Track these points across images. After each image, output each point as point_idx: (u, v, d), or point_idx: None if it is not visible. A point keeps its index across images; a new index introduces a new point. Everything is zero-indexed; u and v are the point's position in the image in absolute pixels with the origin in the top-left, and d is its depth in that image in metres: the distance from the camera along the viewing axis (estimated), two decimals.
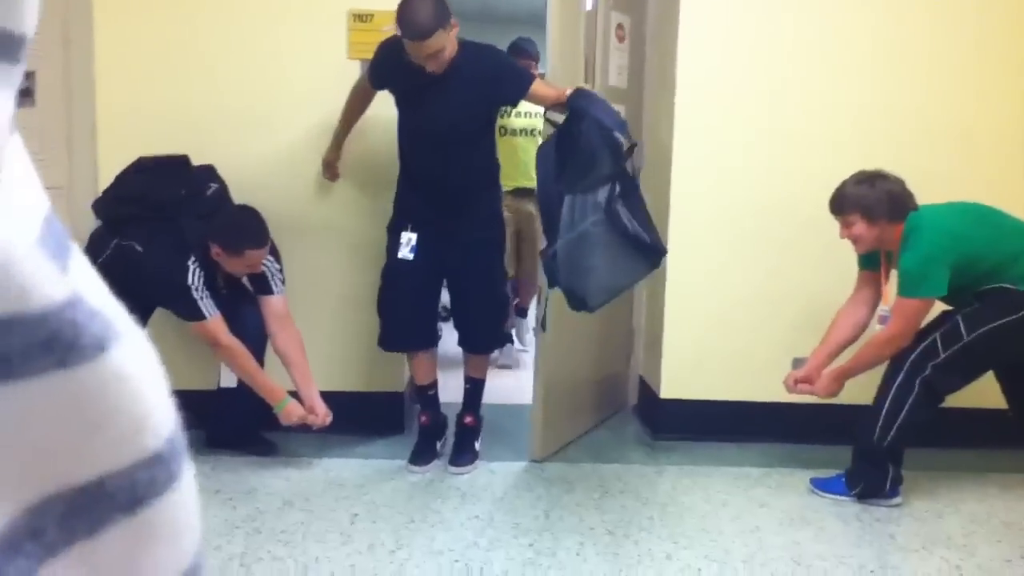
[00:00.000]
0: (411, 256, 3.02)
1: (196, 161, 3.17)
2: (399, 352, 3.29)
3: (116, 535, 0.34)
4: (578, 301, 2.81)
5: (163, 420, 0.37)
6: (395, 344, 3.21)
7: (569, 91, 2.87)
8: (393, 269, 3.09)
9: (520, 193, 4.45)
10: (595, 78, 3.46)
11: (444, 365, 3.51)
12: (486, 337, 3.27)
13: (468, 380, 3.32)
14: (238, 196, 3.17)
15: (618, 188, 2.77)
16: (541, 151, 2.93)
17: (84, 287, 0.35)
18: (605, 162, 2.76)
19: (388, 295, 3.11)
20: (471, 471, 3.16)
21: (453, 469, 3.14)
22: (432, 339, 3.27)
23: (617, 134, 2.75)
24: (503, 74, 2.94)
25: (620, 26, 3.61)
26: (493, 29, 5.73)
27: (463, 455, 3.20)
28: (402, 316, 3.11)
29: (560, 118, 2.89)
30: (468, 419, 3.28)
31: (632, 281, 3.02)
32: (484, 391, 3.35)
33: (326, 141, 3.34)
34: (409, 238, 3.02)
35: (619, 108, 3.63)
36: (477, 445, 3.28)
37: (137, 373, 0.35)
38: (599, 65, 3.48)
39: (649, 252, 2.82)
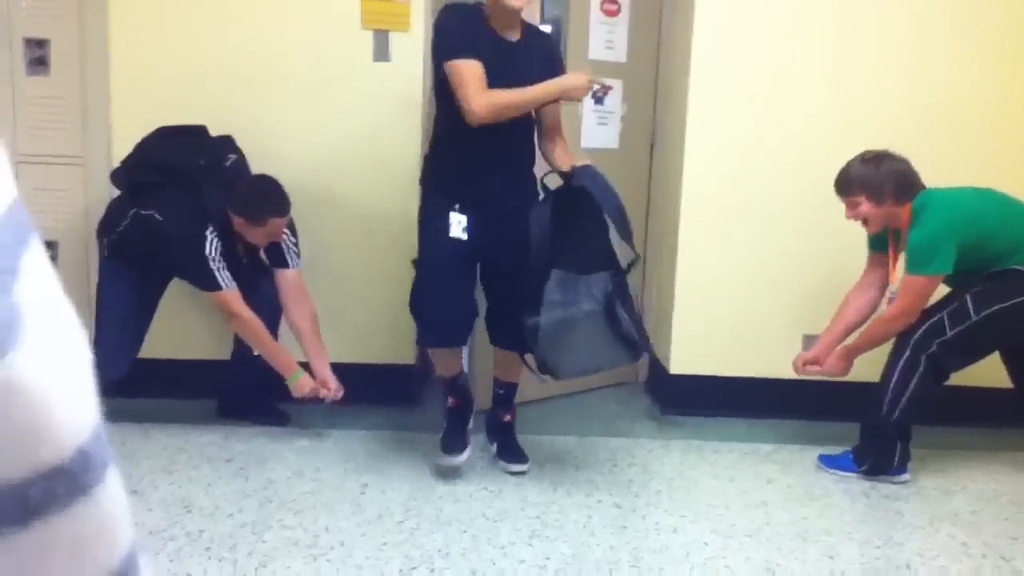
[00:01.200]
0: (465, 237, 2.75)
1: (212, 131, 3.18)
2: (447, 348, 2.90)
3: (4, 548, 0.33)
4: (549, 370, 2.72)
5: (70, 431, 0.34)
6: (450, 339, 2.84)
7: (577, 163, 2.75)
8: (440, 255, 2.75)
9: None
10: (567, 48, 3.43)
11: None
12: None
13: (503, 385, 3.05)
14: (254, 165, 3.18)
15: (613, 284, 2.72)
16: (536, 213, 2.70)
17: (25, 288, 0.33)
18: (604, 260, 2.74)
19: (437, 284, 2.73)
20: (529, 467, 2.98)
21: (514, 468, 2.95)
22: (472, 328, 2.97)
23: (627, 244, 2.71)
24: (557, 66, 2.85)
25: (612, 0, 3.59)
26: None
27: (516, 452, 3.00)
28: (454, 306, 2.74)
29: (554, 182, 2.78)
30: (507, 417, 3.05)
31: (608, 367, 2.93)
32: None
33: (340, 112, 3.34)
34: (459, 218, 2.75)
35: (613, 82, 3.61)
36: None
37: (35, 382, 0.33)
38: (571, 40, 3.45)
39: (634, 349, 2.78)
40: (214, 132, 3.16)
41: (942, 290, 2.96)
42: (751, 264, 3.54)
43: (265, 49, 3.39)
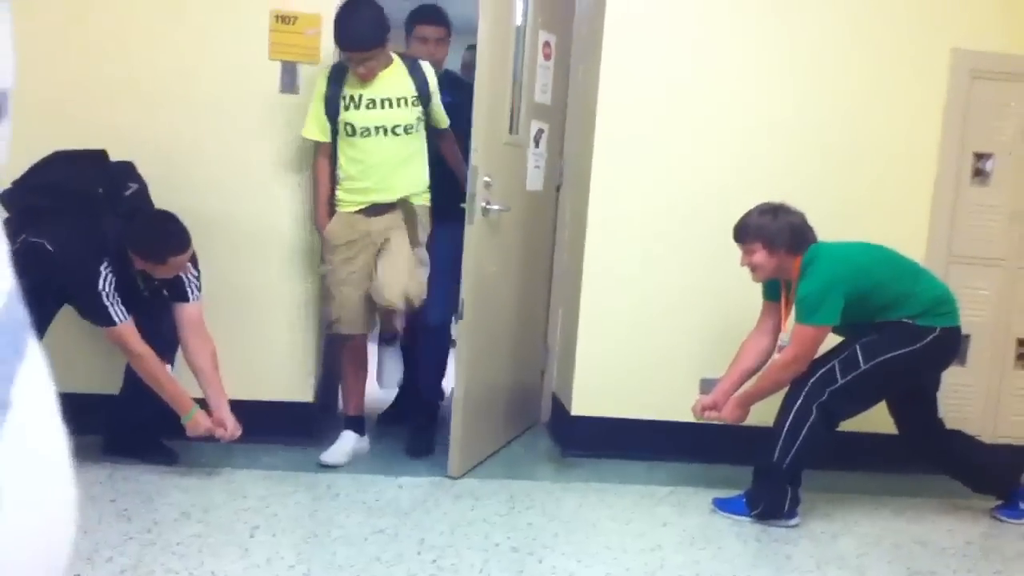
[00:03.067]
0: None
1: (114, 154, 3.06)
2: None
3: None
4: None
5: None
6: None
7: None
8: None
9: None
10: (521, 95, 3.47)
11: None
12: None
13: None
14: (156, 190, 3.07)
15: None
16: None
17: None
18: None
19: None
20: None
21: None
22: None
23: None
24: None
25: (547, 44, 3.64)
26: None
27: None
28: None
29: None
30: None
31: None
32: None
33: (244, 141, 3.29)
34: None
35: (543, 126, 3.67)
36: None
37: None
38: (526, 82, 3.50)
39: None
40: (115, 155, 3.05)
41: (834, 339, 3.07)
42: (652, 308, 3.60)
43: (170, 75, 3.31)
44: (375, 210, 3.20)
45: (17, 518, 0.31)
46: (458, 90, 3.51)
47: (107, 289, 2.79)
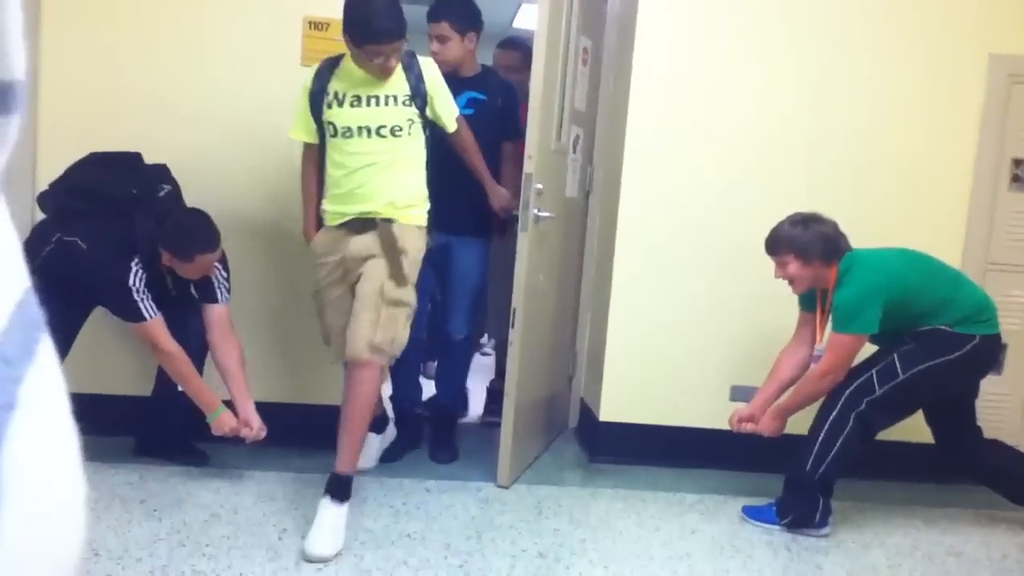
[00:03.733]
0: None
1: (147, 159, 3.10)
2: None
3: None
4: None
5: None
6: None
7: None
8: None
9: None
10: (563, 99, 3.45)
11: None
12: None
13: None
14: (188, 196, 3.11)
15: None
16: None
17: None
18: None
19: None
20: None
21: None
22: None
23: None
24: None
25: (585, 50, 3.64)
26: None
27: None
28: None
29: None
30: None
31: None
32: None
33: (275, 147, 3.31)
34: None
35: (579, 131, 3.67)
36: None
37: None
38: (568, 88, 3.47)
39: None
40: (149, 160, 3.10)
41: (870, 348, 3.03)
42: (682, 314, 3.58)
43: (203, 81, 3.35)
44: (357, 226, 2.82)
45: (24, 521, 0.31)
46: (502, 91, 3.50)
47: (137, 285, 2.82)
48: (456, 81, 3.23)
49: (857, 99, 3.55)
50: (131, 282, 2.81)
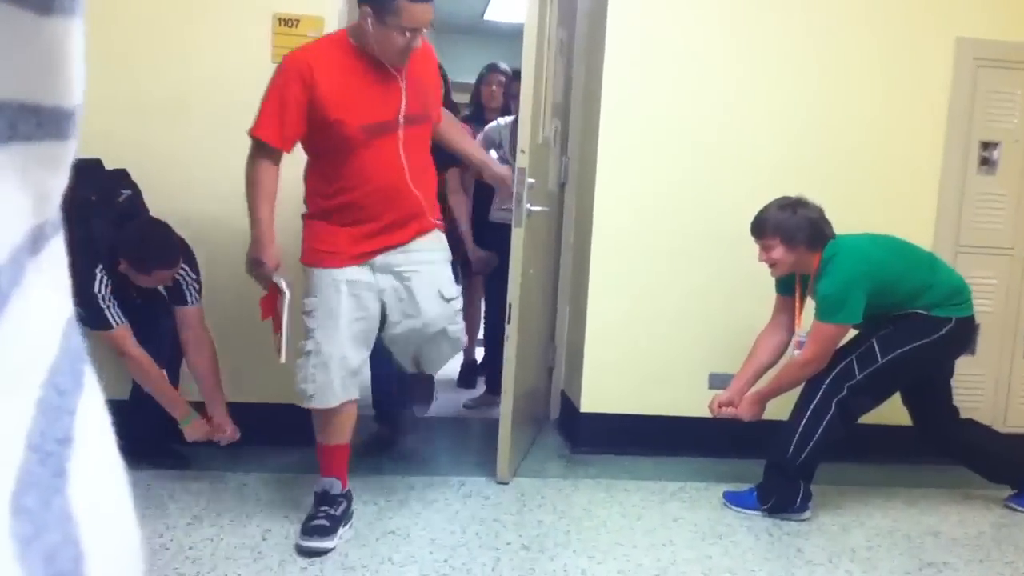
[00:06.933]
0: None
1: (109, 163, 3.08)
2: None
3: None
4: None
5: None
6: None
7: None
8: None
9: None
10: (546, 93, 3.44)
11: None
12: None
13: None
14: (154, 197, 3.08)
15: None
16: None
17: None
18: None
19: None
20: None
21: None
22: None
23: None
24: None
25: (561, 41, 3.63)
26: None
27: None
28: None
29: None
30: None
31: None
32: None
33: (243, 145, 3.29)
34: None
35: (556, 123, 3.67)
36: None
37: None
38: (549, 81, 3.45)
39: None
40: (113, 162, 3.06)
41: (849, 332, 3.06)
42: (659, 304, 3.60)
43: (169, 78, 3.31)
44: None
45: (98, 565, 0.29)
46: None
47: (103, 292, 2.80)
48: None
49: (825, 84, 3.58)
50: (96, 288, 2.78)
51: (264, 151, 2.59)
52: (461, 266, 3.81)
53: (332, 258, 2.64)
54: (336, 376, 2.62)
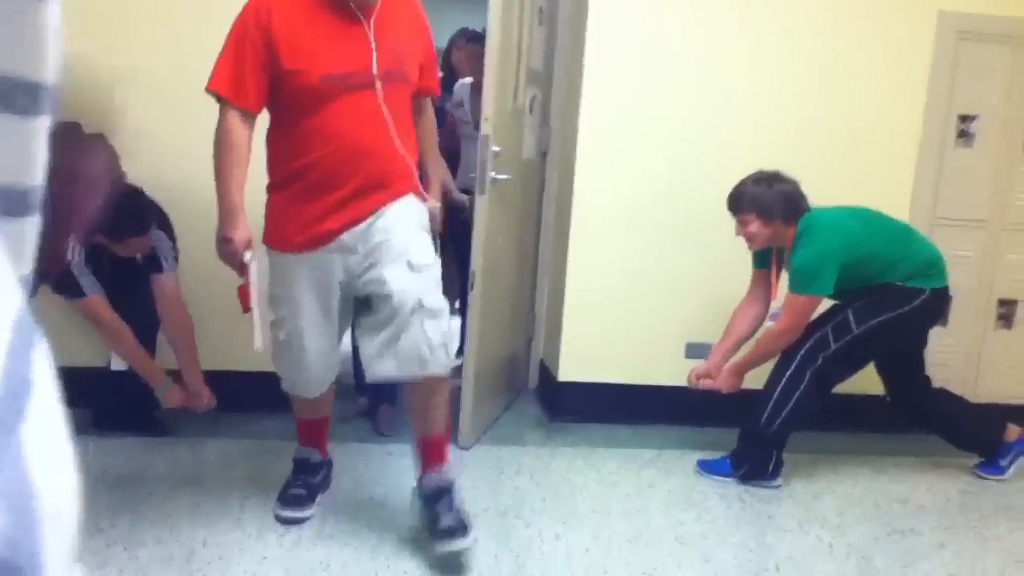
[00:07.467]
0: None
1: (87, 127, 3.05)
2: None
3: None
4: None
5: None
6: None
7: None
8: None
9: None
10: (520, 60, 3.43)
11: None
12: None
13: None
14: (131, 167, 3.07)
15: None
16: None
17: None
18: None
19: None
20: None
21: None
22: None
23: None
24: None
25: (540, 9, 3.61)
26: None
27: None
28: None
29: None
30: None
31: None
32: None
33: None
34: None
35: (535, 92, 3.66)
36: None
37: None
38: (524, 47, 3.44)
39: None
40: (88, 130, 3.04)
41: (825, 303, 3.09)
42: (637, 275, 3.62)
43: (143, 51, 3.28)
44: None
45: (46, 503, 0.31)
46: None
47: (75, 259, 2.79)
48: None
49: (806, 56, 3.59)
50: (68, 257, 2.78)
51: (229, 112, 2.32)
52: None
53: (293, 241, 2.38)
54: (313, 370, 2.50)
